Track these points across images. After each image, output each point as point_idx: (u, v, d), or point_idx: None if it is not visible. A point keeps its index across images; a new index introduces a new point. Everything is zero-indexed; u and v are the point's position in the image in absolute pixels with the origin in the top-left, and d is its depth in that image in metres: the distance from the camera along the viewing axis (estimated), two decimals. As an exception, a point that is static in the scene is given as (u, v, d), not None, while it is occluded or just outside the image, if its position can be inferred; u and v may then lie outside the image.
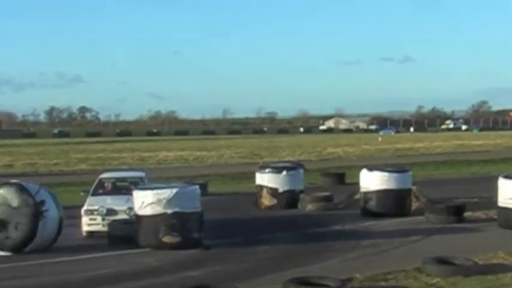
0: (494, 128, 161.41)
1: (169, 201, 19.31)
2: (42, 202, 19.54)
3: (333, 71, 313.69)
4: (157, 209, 19.31)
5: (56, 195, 20.87)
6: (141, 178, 24.91)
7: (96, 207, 21.88)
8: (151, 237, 19.33)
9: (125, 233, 19.89)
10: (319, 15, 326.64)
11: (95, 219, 21.70)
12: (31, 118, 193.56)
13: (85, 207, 22.01)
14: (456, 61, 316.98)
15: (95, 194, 23.52)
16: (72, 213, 25.79)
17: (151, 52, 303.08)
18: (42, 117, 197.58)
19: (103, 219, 21.52)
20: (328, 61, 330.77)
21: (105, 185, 24.39)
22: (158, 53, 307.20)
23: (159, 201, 19.32)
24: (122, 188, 23.92)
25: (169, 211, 19.27)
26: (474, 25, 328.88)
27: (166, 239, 19.26)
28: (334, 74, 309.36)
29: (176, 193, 19.53)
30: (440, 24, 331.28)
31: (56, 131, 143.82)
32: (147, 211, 19.41)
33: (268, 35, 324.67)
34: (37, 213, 19.28)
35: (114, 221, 21.11)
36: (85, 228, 21.87)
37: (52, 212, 19.82)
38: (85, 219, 21.80)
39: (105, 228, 20.89)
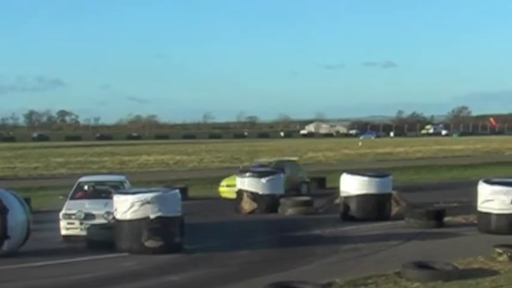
0: (474, 133, 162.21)
1: (152, 206, 19.23)
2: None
3: (314, 75, 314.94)
4: (139, 214, 19.21)
5: (21, 199, 20.55)
6: (121, 182, 24.82)
7: (73, 212, 21.73)
8: (133, 242, 19.21)
9: (104, 238, 19.81)
10: (301, 19, 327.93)
11: (72, 224, 21.57)
12: (10, 122, 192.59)
13: (63, 211, 21.87)
14: (437, 66, 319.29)
15: (73, 198, 23.32)
16: (50, 217, 25.71)
17: (133, 55, 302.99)
18: (21, 121, 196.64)
19: (81, 224, 21.41)
20: (310, 65, 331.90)
21: (84, 188, 24.18)
22: (140, 56, 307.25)
23: (140, 205, 19.23)
24: (101, 192, 23.71)
25: (151, 215, 19.18)
26: (455, 31, 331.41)
27: (149, 243, 19.16)
28: (316, 78, 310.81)
29: (158, 197, 19.47)
30: (423, 30, 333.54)
31: (35, 134, 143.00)
32: (129, 215, 19.31)
33: (249, 39, 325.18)
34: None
35: (92, 225, 21.04)
36: (63, 232, 21.71)
37: (19, 215, 19.59)
38: (63, 223, 21.66)
39: (83, 233, 20.81)
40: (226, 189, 33.26)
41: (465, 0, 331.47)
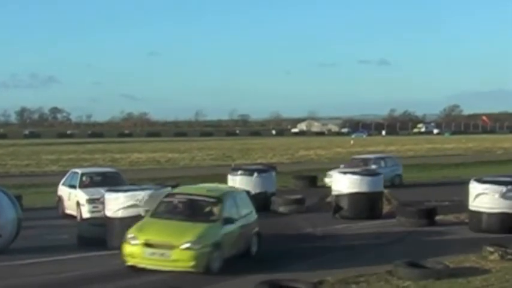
0: (465, 132, 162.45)
1: (143, 203, 19.15)
2: None
3: (308, 74, 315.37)
4: (131, 211, 19.13)
5: (12, 196, 20.36)
6: (117, 173, 27.77)
7: (98, 197, 23.75)
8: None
9: (95, 235, 19.77)
10: (296, 17, 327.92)
11: (97, 207, 23.71)
12: (2, 119, 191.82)
13: (87, 197, 24.72)
14: (430, 65, 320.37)
15: (81, 186, 25.82)
16: (42, 214, 25.68)
17: (126, 53, 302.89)
18: (13, 118, 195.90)
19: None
20: (303, 63, 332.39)
21: (84, 179, 26.40)
22: (133, 54, 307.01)
23: (132, 203, 19.16)
24: (100, 182, 26.02)
25: (143, 213, 19.08)
26: (449, 31, 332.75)
27: (140, 241, 19.06)
28: (309, 76, 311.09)
29: (150, 195, 19.40)
30: (417, 29, 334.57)
31: (27, 132, 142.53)
32: (120, 213, 19.25)
33: (243, 37, 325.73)
34: None
35: (83, 222, 21.34)
36: (86, 215, 23.94)
37: (9, 213, 19.49)
38: (88, 207, 24.45)
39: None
40: None
41: (459, 1, 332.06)
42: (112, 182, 25.40)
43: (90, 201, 24.58)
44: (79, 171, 27.62)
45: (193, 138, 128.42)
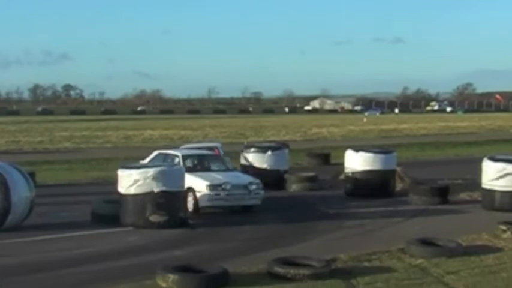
0: (478, 110, 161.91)
1: (156, 180, 19.19)
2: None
3: (322, 51, 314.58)
4: (144, 188, 19.18)
5: (25, 173, 20.30)
6: (213, 154, 26.35)
7: (220, 182, 22.13)
8: (138, 216, 19.19)
9: (109, 212, 19.83)
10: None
11: (219, 194, 21.91)
12: (15, 96, 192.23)
13: (207, 183, 21.89)
14: (443, 43, 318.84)
15: (191, 170, 22.84)
16: (55, 191, 25.73)
17: (139, 30, 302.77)
18: (26, 95, 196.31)
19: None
20: (318, 41, 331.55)
21: (189, 162, 23.82)
22: (146, 31, 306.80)
23: (145, 180, 19.20)
24: (201, 164, 24.12)
25: (156, 190, 19.15)
26: (463, 9, 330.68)
27: (154, 218, 19.14)
28: (324, 54, 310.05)
29: (162, 172, 19.44)
30: (432, 7, 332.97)
31: (39, 109, 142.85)
32: (133, 190, 19.29)
33: (257, 14, 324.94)
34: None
35: (97, 199, 21.21)
36: (206, 203, 21.97)
37: (22, 190, 19.51)
38: (210, 194, 21.84)
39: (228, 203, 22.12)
40: None
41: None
42: (211, 163, 24.30)
43: (212, 187, 21.97)
44: (178, 153, 24.41)
45: (206, 115, 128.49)
